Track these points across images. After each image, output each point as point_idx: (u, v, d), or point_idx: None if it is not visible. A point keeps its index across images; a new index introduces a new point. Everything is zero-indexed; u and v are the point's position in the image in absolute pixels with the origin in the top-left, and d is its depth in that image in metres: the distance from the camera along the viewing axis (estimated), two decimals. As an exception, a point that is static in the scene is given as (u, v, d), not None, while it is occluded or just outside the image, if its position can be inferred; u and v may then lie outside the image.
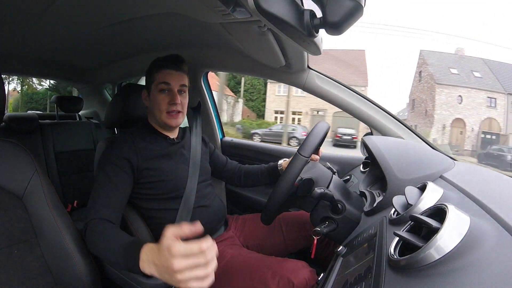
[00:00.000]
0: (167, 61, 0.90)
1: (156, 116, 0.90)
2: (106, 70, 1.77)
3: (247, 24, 0.73)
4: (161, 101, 0.88)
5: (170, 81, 0.88)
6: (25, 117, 1.61)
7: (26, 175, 0.68)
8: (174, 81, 0.89)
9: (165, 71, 0.88)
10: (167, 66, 0.89)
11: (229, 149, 1.55)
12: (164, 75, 0.88)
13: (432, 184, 0.54)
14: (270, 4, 0.45)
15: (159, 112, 0.89)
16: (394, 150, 0.76)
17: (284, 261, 0.77)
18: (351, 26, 0.47)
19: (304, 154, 0.70)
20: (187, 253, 0.46)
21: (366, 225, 0.65)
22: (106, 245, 0.65)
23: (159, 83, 0.88)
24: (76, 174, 1.69)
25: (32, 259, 0.64)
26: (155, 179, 0.86)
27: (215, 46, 1.21)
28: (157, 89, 0.88)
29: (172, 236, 0.48)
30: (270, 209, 0.73)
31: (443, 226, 0.36)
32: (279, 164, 1.03)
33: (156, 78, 0.88)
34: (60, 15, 0.89)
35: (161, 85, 0.88)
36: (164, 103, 0.88)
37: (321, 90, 1.13)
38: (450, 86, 15.55)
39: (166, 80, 0.88)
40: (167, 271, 0.47)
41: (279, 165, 1.02)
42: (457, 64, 16.38)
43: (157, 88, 0.88)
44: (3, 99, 0.67)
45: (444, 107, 15.47)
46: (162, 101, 0.88)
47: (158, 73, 0.88)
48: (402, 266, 0.38)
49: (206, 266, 0.47)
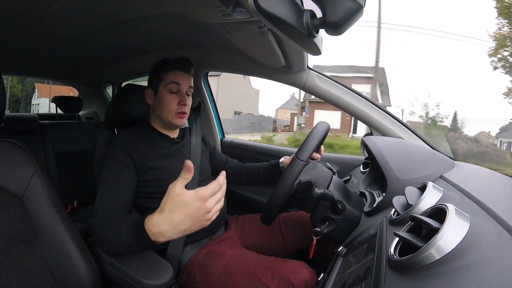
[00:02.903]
0: (177, 62, 0.91)
1: (163, 115, 0.91)
2: (106, 70, 1.77)
3: (247, 24, 0.73)
4: (171, 101, 0.89)
5: (180, 81, 0.89)
6: (25, 117, 1.61)
7: (26, 175, 0.68)
8: (183, 83, 0.90)
9: (175, 72, 0.90)
10: (178, 67, 0.90)
11: (229, 149, 1.55)
12: (175, 75, 0.89)
13: (432, 184, 0.54)
14: (270, 4, 0.45)
15: (167, 112, 0.90)
16: (394, 150, 0.76)
17: (284, 261, 0.77)
18: (351, 27, 0.47)
19: (302, 158, 0.70)
20: (212, 192, 0.54)
21: (366, 226, 0.65)
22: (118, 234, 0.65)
23: (170, 82, 0.89)
24: (76, 174, 1.69)
25: (32, 259, 0.64)
26: (156, 177, 0.86)
27: (215, 46, 1.21)
28: (167, 89, 0.89)
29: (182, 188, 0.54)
30: (270, 210, 0.73)
31: (443, 226, 0.36)
32: (280, 162, 1.03)
33: (166, 78, 0.89)
34: (60, 15, 0.89)
35: (172, 85, 0.89)
36: (174, 104, 0.89)
37: (321, 90, 1.13)
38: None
39: (177, 80, 0.89)
40: (197, 218, 0.54)
41: (281, 163, 1.03)
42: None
43: (167, 88, 0.89)
44: (3, 99, 0.67)
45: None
46: (172, 101, 0.89)
47: (168, 73, 0.89)
48: (402, 266, 0.38)
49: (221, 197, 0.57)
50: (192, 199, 0.54)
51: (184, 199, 0.54)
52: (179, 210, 0.54)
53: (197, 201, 0.54)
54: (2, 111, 0.68)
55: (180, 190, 0.54)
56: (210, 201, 0.54)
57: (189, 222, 0.55)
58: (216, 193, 0.55)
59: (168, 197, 0.55)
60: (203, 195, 0.54)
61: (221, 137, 1.60)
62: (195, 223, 0.55)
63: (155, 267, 0.73)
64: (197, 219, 0.55)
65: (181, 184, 0.54)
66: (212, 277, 0.79)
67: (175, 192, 0.54)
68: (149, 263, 0.73)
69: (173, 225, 0.55)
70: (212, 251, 0.86)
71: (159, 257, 0.76)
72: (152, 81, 0.93)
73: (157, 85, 0.91)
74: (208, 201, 0.54)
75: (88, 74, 1.85)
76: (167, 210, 0.55)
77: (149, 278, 0.68)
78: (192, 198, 0.54)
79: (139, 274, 0.69)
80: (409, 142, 1.02)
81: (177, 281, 0.85)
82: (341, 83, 1.13)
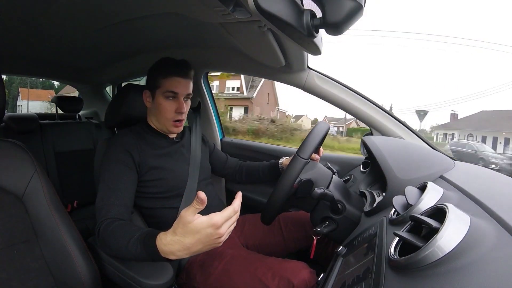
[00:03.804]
0: (175, 67, 0.87)
1: (160, 121, 0.90)
2: (106, 70, 1.77)
3: (247, 24, 0.73)
4: (168, 107, 0.87)
5: (177, 90, 0.87)
6: (25, 117, 1.61)
7: (26, 175, 0.68)
8: (181, 90, 0.88)
9: (172, 78, 0.86)
10: (175, 73, 0.87)
11: (229, 149, 1.55)
12: (172, 83, 0.86)
13: (432, 184, 0.54)
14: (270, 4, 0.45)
15: (163, 119, 0.89)
16: (394, 150, 0.76)
17: (284, 261, 0.77)
18: (351, 26, 0.47)
19: (303, 156, 0.70)
20: (226, 219, 0.55)
21: (366, 225, 0.65)
22: (123, 242, 0.64)
23: (166, 91, 0.86)
24: (76, 174, 1.68)
25: (32, 259, 0.64)
26: (156, 177, 0.86)
27: (215, 46, 1.21)
28: (163, 96, 0.87)
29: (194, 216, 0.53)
30: (270, 209, 0.73)
31: (443, 226, 0.36)
32: (280, 162, 1.03)
33: (163, 84, 0.87)
34: (60, 15, 0.89)
35: (168, 93, 0.87)
36: (170, 111, 0.88)
37: (321, 90, 1.13)
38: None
39: (173, 89, 0.86)
40: (209, 242, 0.55)
41: (280, 163, 1.03)
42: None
43: (163, 95, 0.87)
44: (3, 99, 0.67)
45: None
46: (168, 108, 0.87)
47: (165, 80, 0.86)
48: (402, 266, 0.38)
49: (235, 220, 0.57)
50: (204, 226, 0.53)
51: (197, 226, 0.53)
52: (191, 236, 0.54)
53: (209, 228, 0.53)
54: (2, 110, 0.68)
55: (192, 218, 0.53)
56: (223, 227, 0.54)
57: (201, 245, 0.55)
58: (230, 218, 0.56)
59: (180, 222, 0.54)
60: (216, 222, 0.53)
61: (221, 137, 1.60)
62: (207, 245, 0.56)
63: (155, 267, 0.72)
64: (209, 243, 0.55)
65: (193, 213, 0.53)
66: (212, 277, 0.79)
67: (187, 220, 0.53)
68: (149, 263, 0.73)
69: (185, 247, 0.55)
70: (212, 251, 0.85)
71: None
72: (149, 83, 0.91)
73: (154, 90, 0.89)
74: (221, 227, 0.54)
75: (88, 74, 1.85)
76: (179, 234, 0.55)
77: (149, 278, 0.68)
78: (204, 225, 0.53)
79: (139, 274, 0.69)
80: (409, 142, 1.02)
81: (177, 281, 0.85)
82: (341, 83, 1.12)
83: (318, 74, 1.13)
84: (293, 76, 1.14)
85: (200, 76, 1.43)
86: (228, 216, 0.55)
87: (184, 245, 0.55)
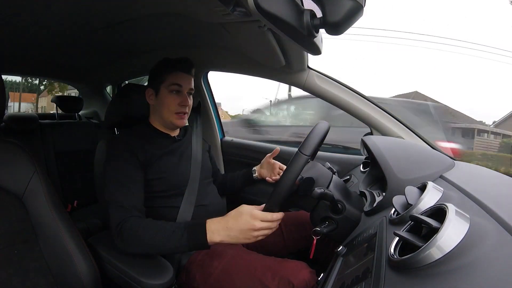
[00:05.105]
0: (178, 63, 0.91)
1: (164, 116, 0.92)
2: (106, 70, 1.76)
3: (247, 24, 0.72)
4: (172, 101, 0.90)
5: (182, 83, 0.90)
6: (25, 117, 1.61)
7: (26, 175, 0.68)
8: (185, 84, 0.91)
9: (177, 73, 0.90)
10: (179, 69, 0.91)
11: (229, 149, 1.55)
12: (177, 76, 0.90)
13: (432, 184, 0.54)
14: (270, 4, 0.45)
15: (167, 112, 0.91)
16: (394, 150, 0.76)
17: (284, 261, 0.77)
18: (351, 26, 0.47)
19: (305, 153, 0.69)
20: (264, 218, 0.66)
21: (366, 225, 0.65)
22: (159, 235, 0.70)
23: (171, 84, 0.89)
24: (76, 174, 1.68)
25: (32, 259, 0.64)
26: (158, 176, 0.86)
27: (215, 46, 1.21)
28: (168, 90, 0.90)
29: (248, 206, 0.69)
30: (271, 207, 0.73)
31: (443, 226, 0.36)
32: (253, 170, 1.11)
33: (167, 79, 0.90)
34: (60, 15, 0.89)
35: (173, 86, 0.90)
36: (174, 104, 0.90)
37: (321, 90, 1.13)
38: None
39: (178, 82, 0.90)
40: (245, 230, 0.66)
41: (254, 171, 1.11)
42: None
43: (168, 89, 0.90)
44: (3, 99, 0.67)
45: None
46: (172, 102, 0.90)
47: (169, 74, 0.90)
48: (402, 266, 0.38)
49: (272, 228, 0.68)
50: (247, 211, 0.67)
51: (241, 210, 0.68)
52: (234, 218, 0.67)
53: (249, 216, 0.66)
54: (2, 110, 0.68)
55: (246, 206, 0.69)
56: (259, 222, 0.66)
57: (238, 230, 0.66)
58: (267, 221, 0.67)
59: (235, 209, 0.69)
60: (255, 214, 0.66)
61: (221, 137, 1.60)
62: (242, 233, 0.66)
63: (155, 266, 0.73)
64: (244, 232, 0.66)
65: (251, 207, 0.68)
66: (212, 277, 0.79)
67: (242, 206, 0.69)
68: (149, 263, 0.73)
69: (227, 227, 0.67)
70: (212, 251, 0.86)
71: (159, 257, 0.76)
72: (152, 81, 0.93)
73: (158, 85, 0.91)
74: (257, 221, 0.66)
75: (88, 74, 1.85)
76: (228, 215, 0.69)
77: (149, 277, 0.68)
78: (247, 210, 0.67)
79: (139, 273, 0.69)
80: (409, 141, 1.02)
81: (177, 281, 0.85)
82: (341, 83, 1.13)
83: (318, 74, 1.13)
84: (293, 76, 1.15)
85: (200, 76, 1.43)
86: (266, 216, 0.66)
87: (227, 225, 0.67)
